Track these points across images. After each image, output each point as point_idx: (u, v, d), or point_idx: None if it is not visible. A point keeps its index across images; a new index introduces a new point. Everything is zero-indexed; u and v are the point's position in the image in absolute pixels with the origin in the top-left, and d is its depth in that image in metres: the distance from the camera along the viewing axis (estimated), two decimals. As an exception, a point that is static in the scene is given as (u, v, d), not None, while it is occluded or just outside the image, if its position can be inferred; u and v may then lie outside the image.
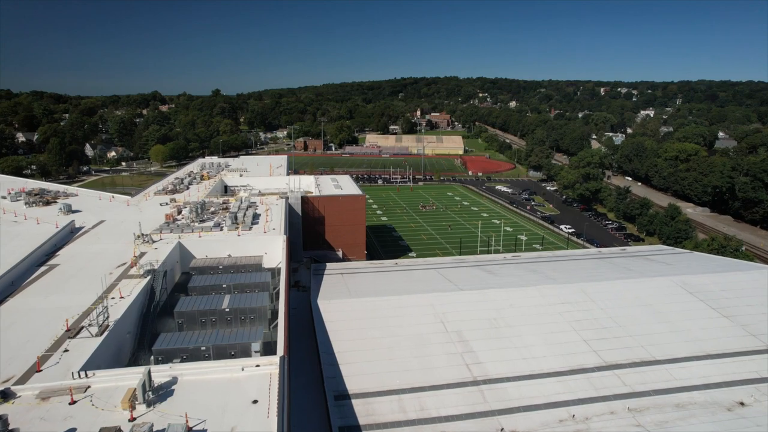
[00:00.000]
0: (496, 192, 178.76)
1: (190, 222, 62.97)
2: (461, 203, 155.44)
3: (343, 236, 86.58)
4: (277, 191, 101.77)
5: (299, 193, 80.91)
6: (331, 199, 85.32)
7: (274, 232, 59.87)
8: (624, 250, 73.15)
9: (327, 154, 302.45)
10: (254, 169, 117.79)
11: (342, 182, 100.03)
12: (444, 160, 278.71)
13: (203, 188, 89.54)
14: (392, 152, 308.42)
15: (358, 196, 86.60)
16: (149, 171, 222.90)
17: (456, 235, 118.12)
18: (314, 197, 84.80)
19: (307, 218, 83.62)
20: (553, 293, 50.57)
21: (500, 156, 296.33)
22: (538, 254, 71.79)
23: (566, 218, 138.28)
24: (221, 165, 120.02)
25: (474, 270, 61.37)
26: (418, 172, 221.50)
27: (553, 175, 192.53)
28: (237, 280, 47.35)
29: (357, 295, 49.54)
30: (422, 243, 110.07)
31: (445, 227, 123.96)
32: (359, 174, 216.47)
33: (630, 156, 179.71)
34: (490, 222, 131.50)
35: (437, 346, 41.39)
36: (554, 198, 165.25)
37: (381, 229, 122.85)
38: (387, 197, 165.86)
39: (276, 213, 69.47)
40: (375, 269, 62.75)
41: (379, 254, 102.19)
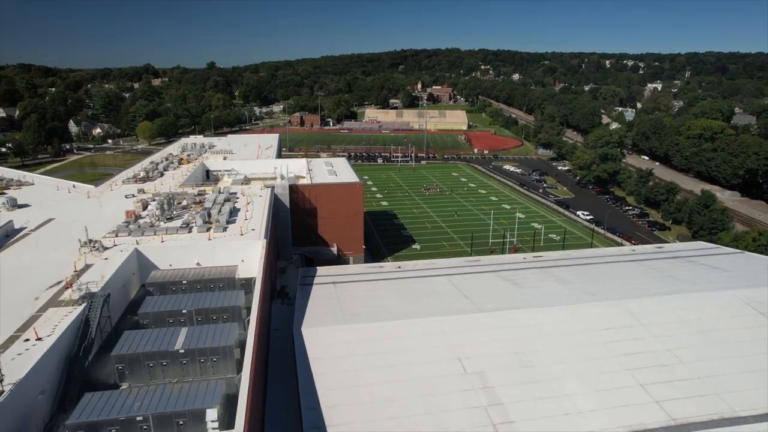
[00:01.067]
0: (504, 172, 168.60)
1: (155, 221, 53.44)
2: (467, 185, 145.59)
3: (338, 230, 77.18)
4: (264, 176, 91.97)
5: (287, 182, 71.07)
6: (324, 188, 75.63)
7: (252, 234, 50.38)
8: (661, 249, 63.82)
9: (324, 130, 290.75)
10: (241, 150, 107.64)
11: (337, 167, 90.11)
12: (447, 137, 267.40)
13: (180, 175, 79.71)
14: (393, 128, 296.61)
15: (354, 184, 76.85)
16: (136, 149, 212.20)
17: (464, 222, 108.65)
18: (305, 186, 75.09)
19: (296, 210, 74.07)
20: (593, 315, 41.37)
21: (506, 132, 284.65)
22: (563, 254, 62.49)
23: (582, 202, 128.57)
24: (204, 146, 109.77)
25: (491, 278, 52.15)
26: (421, 150, 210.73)
27: (565, 154, 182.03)
28: (202, 303, 38.12)
29: (350, 318, 40.35)
30: (427, 233, 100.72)
31: (452, 213, 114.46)
32: (358, 152, 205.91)
33: (647, 134, 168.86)
34: (500, 207, 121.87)
35: (454, 397, 32.33)
36: (567, 179, 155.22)
37: (381, 216, 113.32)
38: (387, 178, 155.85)
39: (258, 208, 59.84)
40: (373, 276, 53.48)
41: (378, 246, 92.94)
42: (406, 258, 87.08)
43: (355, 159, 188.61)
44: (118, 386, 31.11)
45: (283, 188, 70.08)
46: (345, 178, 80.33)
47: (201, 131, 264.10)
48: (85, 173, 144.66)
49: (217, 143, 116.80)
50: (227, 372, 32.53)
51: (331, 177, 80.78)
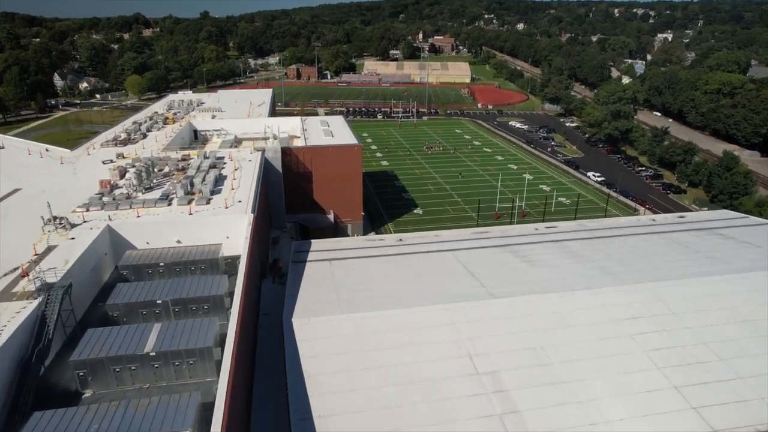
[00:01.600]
0: (509, 129, 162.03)
1: (132, 191, 48.69)
2: (471, 143, 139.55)
3: (335, 195, 72.54)
4: (256, 137, 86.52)
5: (278, 145, 65.77)
6: (319, 151, 70.45)
7: (239, 207, 45.76)
8: (684, 219, 59.33)
9: (322, 83, 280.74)
10: (231, 107, 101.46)
11: (334, 126, 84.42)
12: (450, 90, 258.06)
13: (165, 136, 74.23)
14: (393, 81, 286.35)
15: (353, 146, 71.56)
16: (125, 105, 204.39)
17: (468, 184, 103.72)
18: (298, 149, 69.87)
19: (290, 175, 69.16)
20: (617, 301, 37.30)
21: (511, 85, 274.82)
22: (578, 225, 58.02)
23: (592, 162, 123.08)
24: (192, 104, 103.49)
25: (501, 254, 47.87)
26: (422, 105, 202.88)
27: (573, 109, 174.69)
28: (180, 291, 33.97)
29: (347, 305, 36.26)
30: (429, 195, 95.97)
31: (455, 174, 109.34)
32: (357, 107, 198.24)
33: (661, 88, 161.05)
34: (506, 167, 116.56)
35: (465, 403, 28.60)
36: (576, 137, 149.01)
37: (381, 177, 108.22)
38: (388, 136, 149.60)
39: (246, 175, 54.92)
40: (373, 251, 49.17)
41: (378, 211, 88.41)
42: (408, 224, 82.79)
43: (354, 115, 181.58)
44: (80, 394, 27.34)
45: (274, 152, 64.87)
46: (342, 139, 74.91)
47: (193, 85, 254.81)
48: (69, 131, 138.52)
49: (206, 100, 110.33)
50: (206, 375, 28.73)
51: (328, 138, 75.35)
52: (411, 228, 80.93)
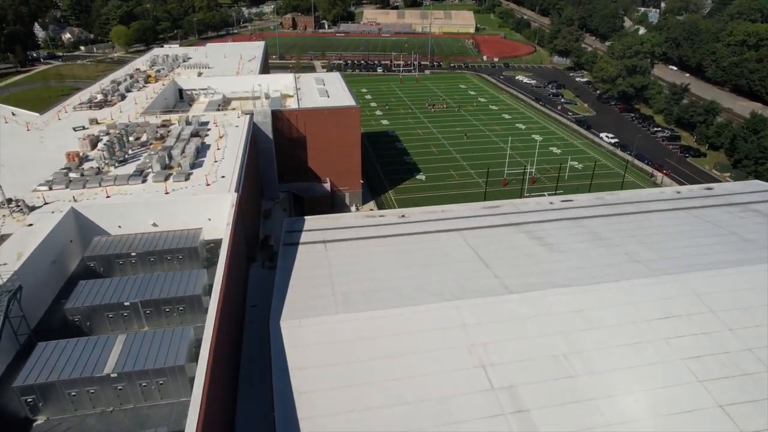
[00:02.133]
0: (516, 84, 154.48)
1: (104, 165, 43.82)
2: (477, 100, 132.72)
3: (332, 162, 67.58)
4: (246, 96, 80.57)
5: (268, 108, 60.22)
6: (314, 114, 64.97)
7: (222, 183, 41.07)
8: (712, 191, 54.70)
9: (319, 34, 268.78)
10: (220, 63, 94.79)
11: (330, 84, 78.32)
12: (453, 41, 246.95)
13: (146, 97, 68.47)
14: (393, 30, 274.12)
15: (350, 108, 65.97)
16: (111, 58, 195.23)
17: (474, 146, 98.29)
18: (291, 111, 64.35)
19: (282, 140, 64.01)
20: (648, 296, 33.29)
21: (517, 36, 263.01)
22: (595, 199, 53.46)
23: (604, 121, 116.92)
24: (178, 59, 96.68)
25: (514, 234, 43.61)
26: (424, 57, 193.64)
27: (584, 63, 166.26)
28: (151, 290, 29.90)
29: (343, 302, 32.29)
30: (433, 159, 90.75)
31: (460, 135, 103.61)
32: (355, 60, 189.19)
33: (679, 40, 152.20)
34: (513, 126, 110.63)
35: (479, 426, 24.88)
36: (587, 93, 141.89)
37: (381, 137, 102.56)
38: (388, 91, 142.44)
39: (232, 144, 49.86)
40: (372, 230, 44.87)
41: (378, 176, 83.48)
42: (411, 191, 78.07)
43: (353, 68, 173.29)
44: (32, 421, 23.59)
45: (263, 116, 59.43)
46: (339, 100, 69.14)
47: (184, 36, 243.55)
48: (50, 87, 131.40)
49: (193, 54, 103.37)
50: (179, 394, 24.93)
51: (323, 99, 69.55)
52: (414, 196, 76.34)
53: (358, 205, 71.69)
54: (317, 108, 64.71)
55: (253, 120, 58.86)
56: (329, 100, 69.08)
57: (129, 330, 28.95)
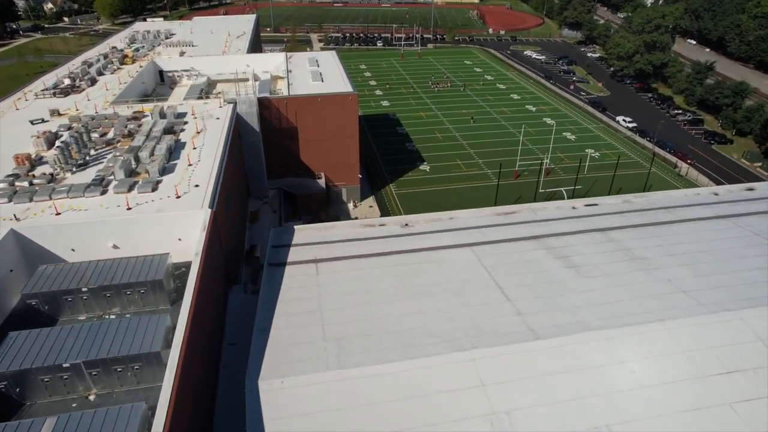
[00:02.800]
0: (525, 59, 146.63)
1: (59, 170, 37.97)
2: (483, 77, 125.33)
3: (326, 155, 61.60)
4: (233, 78, 74.04)
5: (254, 97, 53.87)
6: (306, 101, 58.66)
7: (194, 195, 35.31)
8: (754, 192, 48.97)
9: (316, 3, 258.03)
10: (206, 40, 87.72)
11: (325, 66, 71.61)
12: (456, 12, 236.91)
13: (119, 81, 61.99)
14: (394, 0, 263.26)
15: (347, 95, 59.62)
16: (96, 30, 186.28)
17: (481, 131, 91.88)
18: (279, 99, 58.03)
19: (271, 131, 57.94)
20: (702, 343, 27.92)
21: (524, 6, 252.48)
22: (624, 202, 47.78)
23: (620, 102, 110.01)
24: (160, 35, 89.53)
25: (534, 251, 38.19)
26: (427, 30, 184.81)
27: (596, 37, 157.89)
28: (100, 346, 24.44)
29: (335, 352, 26.94)
30: (437, 146, 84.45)
31: (467, 118, 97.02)
32: (354, 32, 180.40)
33: (699, 12, 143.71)
34: (523, 108, 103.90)
35: None
36: (600, 71, 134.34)
37: (381, 121, 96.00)
38: (389, 68, 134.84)
39: (211, 142, 43.87)
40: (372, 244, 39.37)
41: (378, 167, 77.42)
42: (414, 184, 72.11)
43: (351, 41, 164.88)
44: None
45: (249, 105, 53.15)
46: (334, 84, 62.64)
47: (174, 7, 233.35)
48: (27, 63, 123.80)
49: (177, 30, 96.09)
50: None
51: (316, 84, 63.02)
52: (417, 190, 70.44)
53: (356, 201, 65.94)
54: (309, 95, 58.29)
55: (237, 110, 52.64)
56: (323, 85, 62.56)
57: (66, 408, 23.53)
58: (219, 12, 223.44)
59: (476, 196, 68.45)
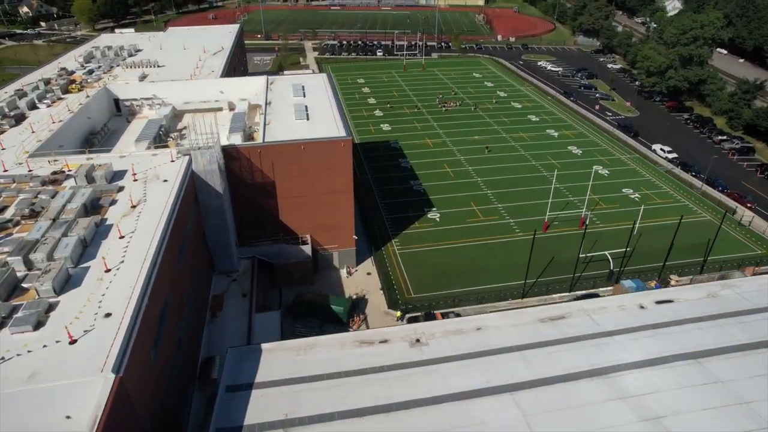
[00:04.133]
0: (539, 72, 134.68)
1: None
2: (496, 94, 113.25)
3: (313, 214, 49.59)
4: (203, 108, 62.55)
5: (215, 152, 41.77)
6: (286, 151, 46.72)
7: (100, 334, 23.35)
8: None
9: (311, 7, 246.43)
10: (176, 57, 75.97)
11: (313, 93, 59.76)
12: (461, 16, 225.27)
13: (53, 119, 49.98)
14: (394, 3, 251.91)
15: (338, 141, 47.55)
16: (73, 37, 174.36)
17: (498, 163, 79.87)
18: (252, 148, 46.04)
19: (241, 188, 46.02)
20: None
21: (532, 10, 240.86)
22: (708, 295, 36.02)
23: (651, 125, 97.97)
24: (122, 52, 77.69)
25: (600, 398, 26.77)
26: (430, 36, 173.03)
27: (616, 46, 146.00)
28: None
29: None
30: (448, 185, 72.25)
31: (480, 147, 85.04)
32: (352, 40, 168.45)
33: (732, 18, 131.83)
34: (543, 133, 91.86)
35: None
36: (624, 85, 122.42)
37: (382, 150, 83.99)
38: (390, 82, 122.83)
39: (145, 229, 31.79)
40: (366, 382, 27.64)
41: (378, 215, 65.38)
42: (421, 241, 59.94)
43: (348, 50, 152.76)
44: None
45: (208, 161, 41.08)
46: (323, 125, 50.56)
47: (160, 11, 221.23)
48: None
49: (147, 44, 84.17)
50: None
51: (300, 122, 50.96)
52: (425, 248, 58.29)
53: (351, 267, 53.92)
54: (290, 143, 46.18)
55: (193, 168, 40.71)
56: (309, 125, 50.50)
57: None
58: (207, 16, 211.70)
59: (498, 258, 56.48)
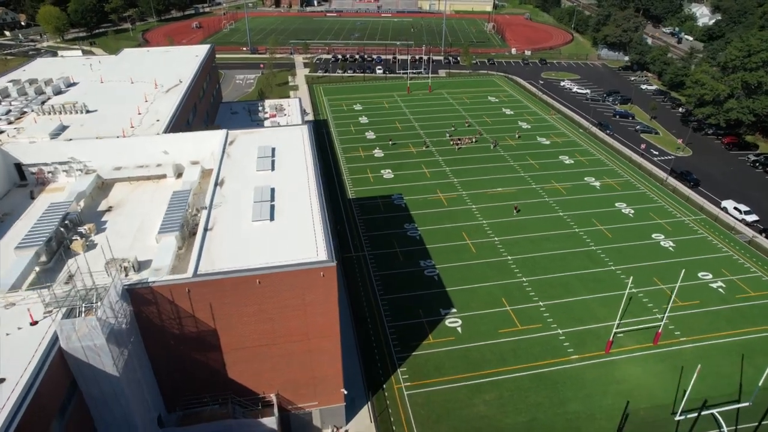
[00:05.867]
0: (563, 94, 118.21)
1: None
2: (517, 125, 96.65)
3: (281, 366, 32.50)
4: (142, 175, 46.51)
5: (97, 326, 24.68)
6: (231, 286, 29.48)
7: None
8: None
9: (306, 13, 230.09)
10: (117, 96, 59.32)
11: (285, 163, 43.17)
12: (468, 24, 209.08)
13: None
14: (396, 9, 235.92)
15: (315, 270, 30.47)
16: (36, 49, 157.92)
17: (530, 232, 63.21)
18: (176, 286, 28.79)
19: (161, 338, 29.03)
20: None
21: (545, 17, 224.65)
22: None
23: (712, 169, 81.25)
24: (47, 86, 61.21)
25: None
26: (436, 49, 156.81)
27: (649, 62, 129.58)
28: None
29: None
30: (470, 269, 55.18)
31: (507, 206, 68.42)
32: (348, 52, 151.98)
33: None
34: (582, 183, 75.06)
35: None
36: (665, 112, 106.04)
37: (383, 210, 67.22)
38: (392, 109, 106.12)
39: None
40: None
41: (377, 324, 48.54)
42: (437, 369, 43.14)
43: (344, 67, 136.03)
44: None
45: (89, 335, 24.24)
46: (296, 229, 33.61)
47: (141, 18, 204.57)
48: None
49: (86, 74, 67.34)
50: None
51: (261, 225, 34.01)
52: (444, 391, 41.33)
53: (338, 427, 37.14)
54: (236, 274, 29.27)
55: (62, 346, 24.02)
56: (273, 231, 33.58)
57: None
58: (191, 25, 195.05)
59: (548, 404, 39.77)
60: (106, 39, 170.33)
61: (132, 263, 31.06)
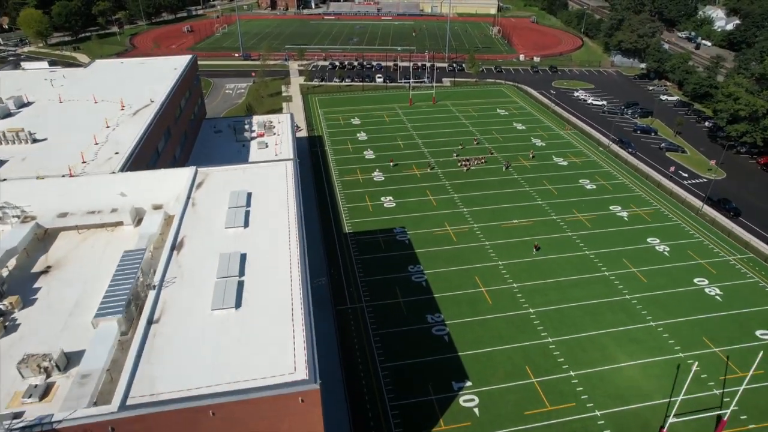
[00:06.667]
0: (577, 105, 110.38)
1: None
2: (531, 142, 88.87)
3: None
4: (94, 223, 38.62)
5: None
6: (172, 422, 21.10)
7: None
8: None
9: (303, 16, 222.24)
10: (73, 119, 51.32)
11: (262, 216, 34.98)
12: (472, 28, 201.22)
13: None
14: (396, 12, 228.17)
15: (291, 396, 22.16)
16: (16, 55, 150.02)
17: (553, 275, 55.40)
18: (92, 427, 20.42)
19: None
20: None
21: (552, 20, 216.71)
22: None
23: (749, 195, 73.63)
24: None
25: None
26: (440, 54, 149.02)
27: (668, 71, 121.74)
28: None
29: None
30: (485, 324, 47.67)
31: (525, 243, 60.58)
32: (346, 59, 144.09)
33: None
34: (607, 213, 67.33)
35: None
36: (692, 128, 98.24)
37: (384, 248, 59.33)
38: (393, 123, 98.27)
39: None
40: None
41: (377, 403, 40.57)
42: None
43: (341, 76, 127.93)
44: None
45: None
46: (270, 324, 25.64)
47: (130, 21, 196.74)
48: None
49: (45, 92, 59.34)
50: None
51: (223, 315, 26.04)
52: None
53: None
54: (178, 406, 21.24)
55: None
56: (239, 325, 25.67)
57: None
58: (182, 28, 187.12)
59: None
60: (91, 44, 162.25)
61: (55, 361, 23.55)
